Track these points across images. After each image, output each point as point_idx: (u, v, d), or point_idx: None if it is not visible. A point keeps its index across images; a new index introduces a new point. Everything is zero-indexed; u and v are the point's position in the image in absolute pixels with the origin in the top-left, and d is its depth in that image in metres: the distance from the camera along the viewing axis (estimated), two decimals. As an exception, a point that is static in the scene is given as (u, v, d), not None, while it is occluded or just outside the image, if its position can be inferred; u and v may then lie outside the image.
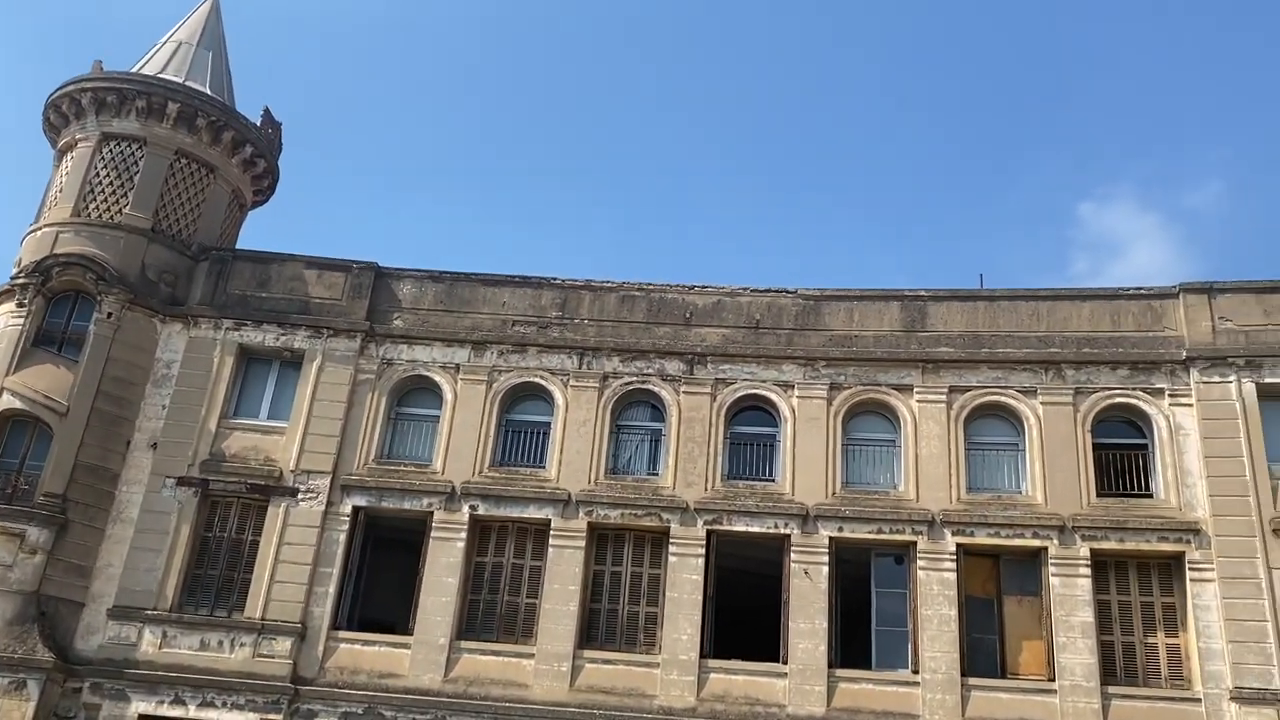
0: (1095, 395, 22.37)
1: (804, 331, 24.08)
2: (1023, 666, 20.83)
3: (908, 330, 23.75)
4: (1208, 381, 21.88)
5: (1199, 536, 20.79)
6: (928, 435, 22.64)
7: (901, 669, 21.05)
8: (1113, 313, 23.09)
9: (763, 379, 23.68)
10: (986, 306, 23.75)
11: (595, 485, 23.00)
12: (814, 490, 22.44)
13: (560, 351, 24.29)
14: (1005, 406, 22.74)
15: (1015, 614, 21.31)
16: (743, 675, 21.24)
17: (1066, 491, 21.66)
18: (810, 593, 21.58)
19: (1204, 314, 22.53)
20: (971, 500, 22.01)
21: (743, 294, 24.74)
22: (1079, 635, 20.49)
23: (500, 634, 22.32)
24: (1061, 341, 22.94)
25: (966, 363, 23.09)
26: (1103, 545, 21.12)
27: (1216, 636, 20.07)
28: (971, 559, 21.68)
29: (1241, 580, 20.27)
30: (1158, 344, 22.56)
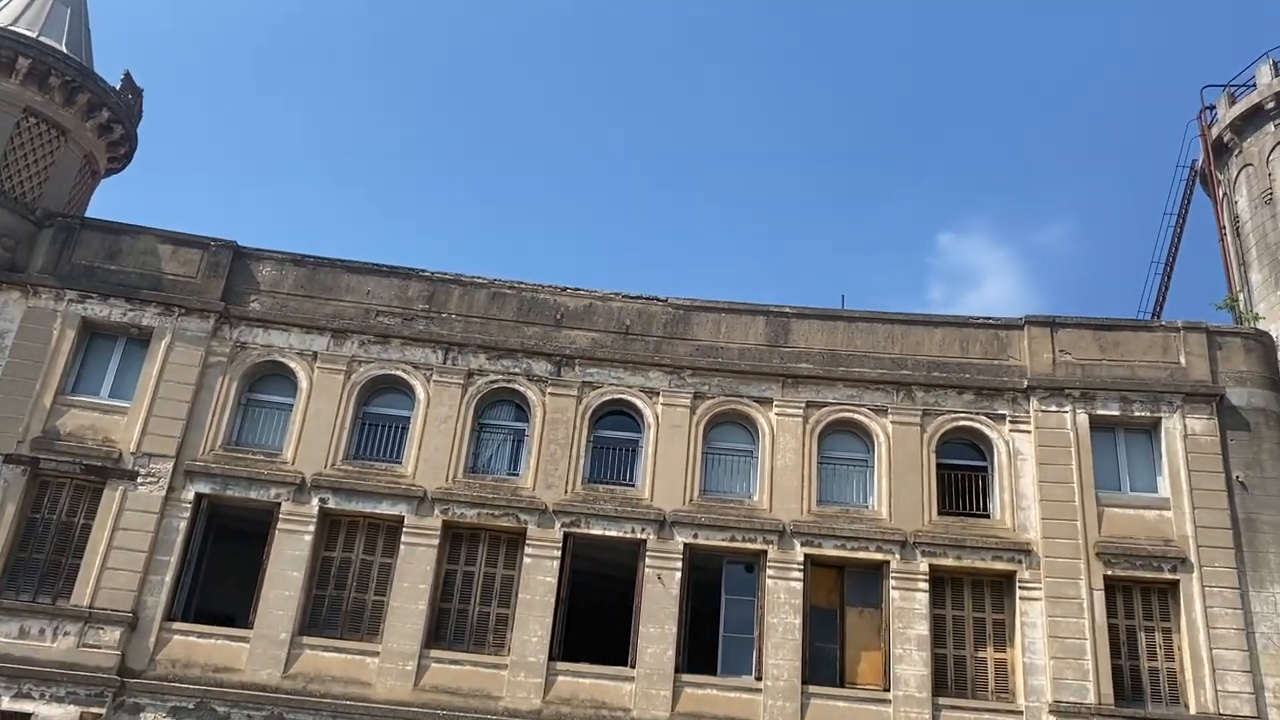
0: (942, 417, 23.33)
1: (672, 340, 24.33)
2: (860, 676, 21.52)
3: (771, 345, 24.28)
4: (1045, 410, 23.09)
5: (1030, 557, 21.90)
6: (784, 448, 23.19)
7: (746, 675, 21.47)
8: (962, 340, 24.14)
9: (629, 384, 23.82)
10: (846, 326, 24.48)
11: (453, 483, 22.70)
12: (672, 497, 22.69)
13: (425, 345, 23.89)
14: (858, 424, 23.48)
15: (856, 625, 22.01)
16: (590, 678, 21.29)
17: (910, 508, 22.51)
18: (662, 598, 21.80)
19: (1046, 346, 23.77)
20: (821, 512, 22.64)
21: (614, 299, 24.85)
22: (914, 647, 21.29)
23: (345, 631, 21.77)
24: (913, 364, 23.84)
25: (824, 379, 23.74)
26: (941, 561, 22.01)
27: (1040, 652, 21.16)
28: (818, 569, 22.29)
29: (1065, 600, 21.43)
30: (1002, 372, 23.69)
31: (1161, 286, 33.88)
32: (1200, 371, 23.23)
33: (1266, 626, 21.01)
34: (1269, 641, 20.89)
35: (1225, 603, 21.17)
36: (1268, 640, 20.90)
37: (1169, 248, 33.93)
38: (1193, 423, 22.68)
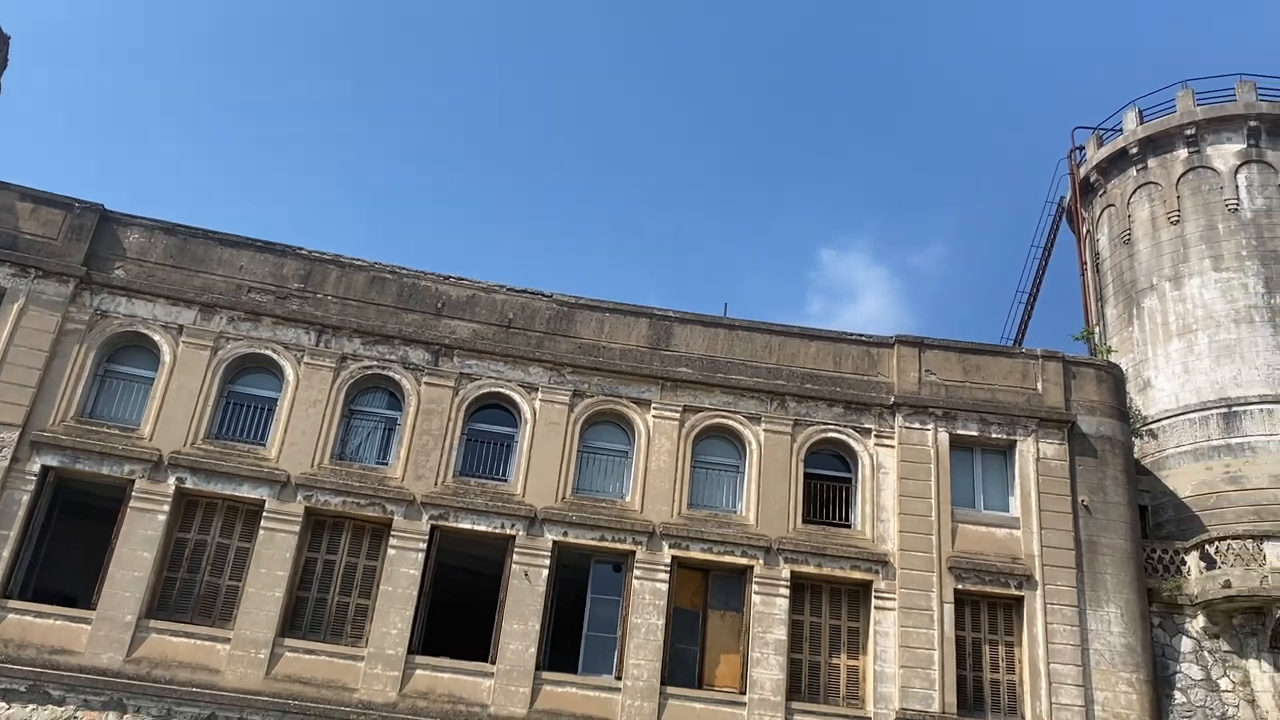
0: (812, 428, 23.90)
1: (554, 336, 24.25)
2: (718, 679, 21.85)
3: (653, 347, 24.44)
4: (909, 427, 23.89)
5: (886, 568, 22.61)
6: (659, 450, 23.38)
7: (606, 675, 21.54)
8: (835, 354, 24.77)
9: (509, 379, 23.64)
10: (727, 334, 24.84)
11: (318, 469, 22.13)
12: (545, 494, 22.61)
13: (298, 325, 23.23)
14: (732, 430, 23.84)
15: (718, 628, 22.34)
16: (449, 673, 21.04)
17: (776, 515, 22.97)
18: (528, 595, 21.70)
19: (913, 365, 24.60)
20: (691, 515, 22.91)
21: (498, 291, 24.63)
22: (772, 652, 21.74)
23: (196, 615, 20.99)
24: (788, 375, 24.35)
25: (703, 385, 24.03)
26: (803, 568, 22.53)
27: (891, 660, 21.87)
28: (684, 572, 22.55)
29: (918, 611, 22.21)
30: (871, 388, 24.41)
31: (1024, 315, 35.52)
32: (1055, 399, 24.39)
33: (1100, 644, 22.19)
34: (1101, 658, 22.07)
35: (1064, 620, 22.27)
36: (1100, 657, 22.07)
37: (1034, 279, 35.61)
38: (1045, 447, 23.80)
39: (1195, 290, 29.93)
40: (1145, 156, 32.28)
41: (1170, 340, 29.94)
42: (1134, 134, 32.71)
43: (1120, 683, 21.89)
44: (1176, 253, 30.66)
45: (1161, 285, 30.69)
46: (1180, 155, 31.55)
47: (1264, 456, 27.11)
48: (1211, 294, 29.64)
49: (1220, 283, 29.63)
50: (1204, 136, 31.31)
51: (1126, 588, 22.81)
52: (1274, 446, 27.16)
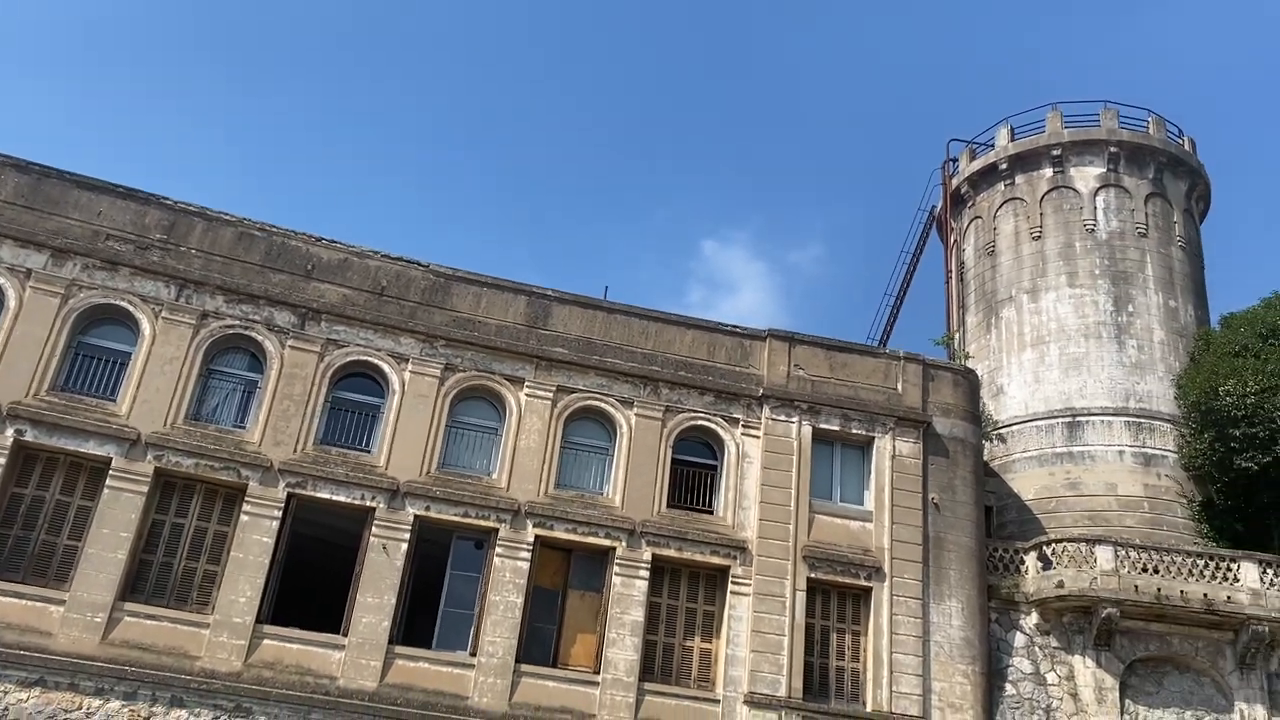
0: (682, 415, 24.19)
1: (429, 308, 23.84)
2: (574, 658, 21.97)
3: (530, 325, 24.30)
4: (775, 419, 24.42)
5: (744, 554, 23.10)
6: (529, 429, 23.29)
7: (461, 651, 21.39)
8: (710, 344, 25.12)
9: (378, 347, 23.15)
10: (605, 317, 24.88)
11: (171, 429, 21.26)
12: (409, 467, 22.26)
13: (158, 278, 22.21)
14: (604, 413, 23.93)
15: (576, 608, 22.45)
16: (298, 644, 20.54)
17: (642, 498, 23.19)
18: (385, 568, 21.35)
19: (783, 359, 25.15)
20: (557, 495, 22.91)
21: (372, 257, 24.06)
22: (628, 633, 21.97)
23: (28, 575, 19.92)
24: (663, 361, 24.56)
25: (578, 366, 24.02)
26: (664, 552, 22.81)
27: (743, 645, 22.37)
28: (547, 551, 22.55)
29: (771, 597, 22.78)
30: (741, 379, 24.84)
31: (890, 317, 36.75)
32: (913, 399, 25.30)
33: (940, 636, 23.19)
34: (941, 649, 23.07)
35: (909, 612, 23.18)
36: (939, 648, 23.08)
37: (901, 283, 36.86)
38: (901, 445, 24.69)
39: (1050, 304, 31.47)
40: (1014, 173, 33.72)
41: (1024, 350, 31.42)
42: (1005, 150, 34.13)
43: (957, 674, 22.93)
44: (1036, 267, 32.16)
45: (1020, 297, 32.15)
46: (1046, 174, 33.07)
47: (1101, 465, 28.77)
48: (1065, 308, 31.21)
49: (1074, 298, 31.23)
50: (1069, 158, 32.90)
51: (968, 583, 23.89)
52: (1111, 456, 28.84)
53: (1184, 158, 33.39)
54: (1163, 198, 32.50)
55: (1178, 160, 33.16)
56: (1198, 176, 33.69)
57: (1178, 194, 32.94)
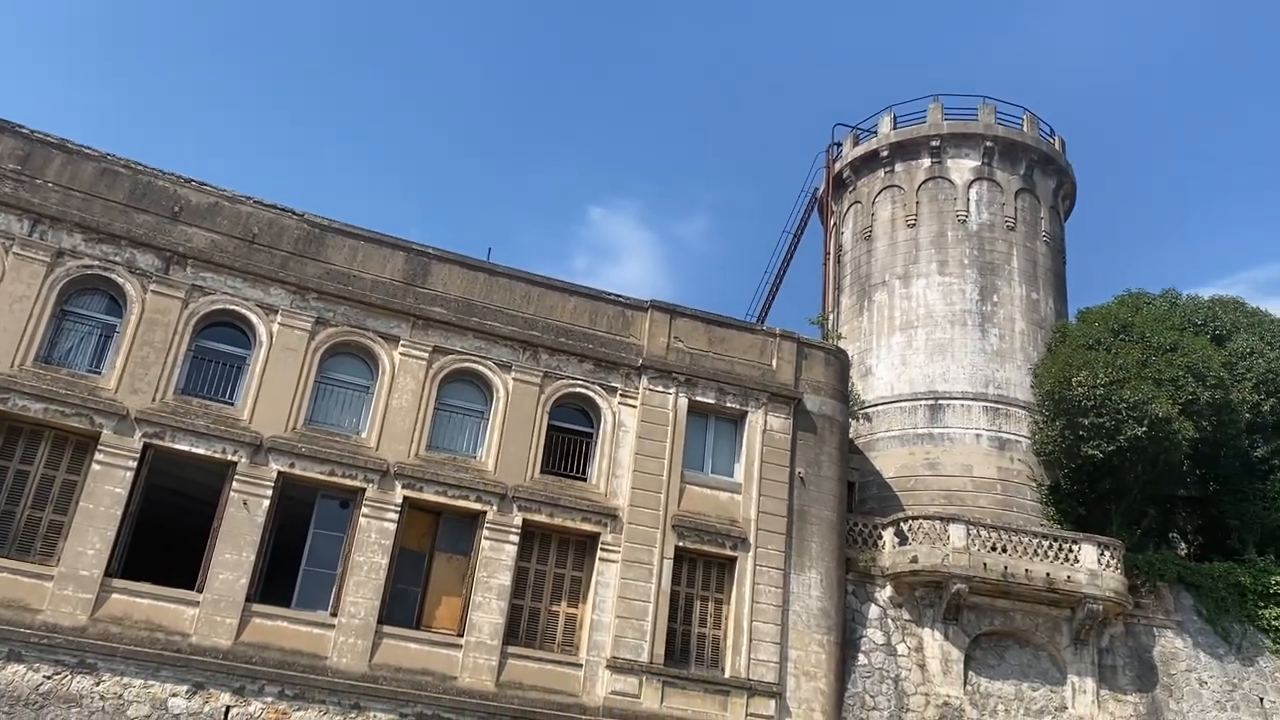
0: (561, 381, 24.15)
1: (302, 258, 23.12)
2: (438, 620, 21.82)
3: (407, 283, 23.80)
4: (652, 390, 24.63)
5: (615, 522, 23.29)
6: (402, 388, 22.88)
7: (322, 611, 21.00)
8: (592, 312, 25.10)
9: (246, 297, 22.35)
10: (486, 279, 24.57)
11: (18, 371, 20.11)
12: (273, 422, 21.63)
13: (9, 211, 20.90)
14: (481, 376, 23.69)
15: (443, 570, 22.27)
16: (149, 599, 19.81)
17: (516, 464, 23.10)
18: (245, 524, 20.74)
19: (664, 331, 25.34)
20: (429, 457, 22.62)
21: (244, 202, 23.16)
22: (495, 597, 21.93)
23: None
24: (544, 327, 24.44)
25: (456, 327, 23.69)
26: (535, 517, 22.80)
27: (608, 610, 22.60)
28: (415, 513, 22.27)
29: (639, 564, 23.05)
30: (622, 348, 24.93)
31: (769, 295, 37.42)
32: (786, 376, 25.86)
33: (799, 606, 23.90)
34: (798, 619, 23.79)
35: (771, 581, 23.80)
36: (798, 618, 23.79)
37: (782, 262, 37.51)
38: (772, 420, 25.22)
39: (921, 290, 32.53)
40: (894, 161, 34.61)
41: (894, 333, 32.42)
42: (886, 138, 34.98)
43: (813, 643, 23.69)
44: (909, 254, 33.16)
45: (892, 282, 33.13)
46: (924, 164, 34.06)
47: (959, 446, 30.01)
48: (934, 295, 32.31)
49: (943, 286, 32.35)
50: (946, 150, 33.94)
51: (828, 556, 24.66)
52: (969, 439, 30.10)
53: (1054, 156, 34.84)
54: (1032, 194, 33.89)
55: (1048, 158, 34.58)
56: (1065, 175, 35.22)
57: (1046, 191, 34.40)
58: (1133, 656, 25.70)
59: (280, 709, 19.77)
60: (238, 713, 19.50)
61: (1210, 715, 25.25)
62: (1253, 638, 26.57)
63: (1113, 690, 25.07)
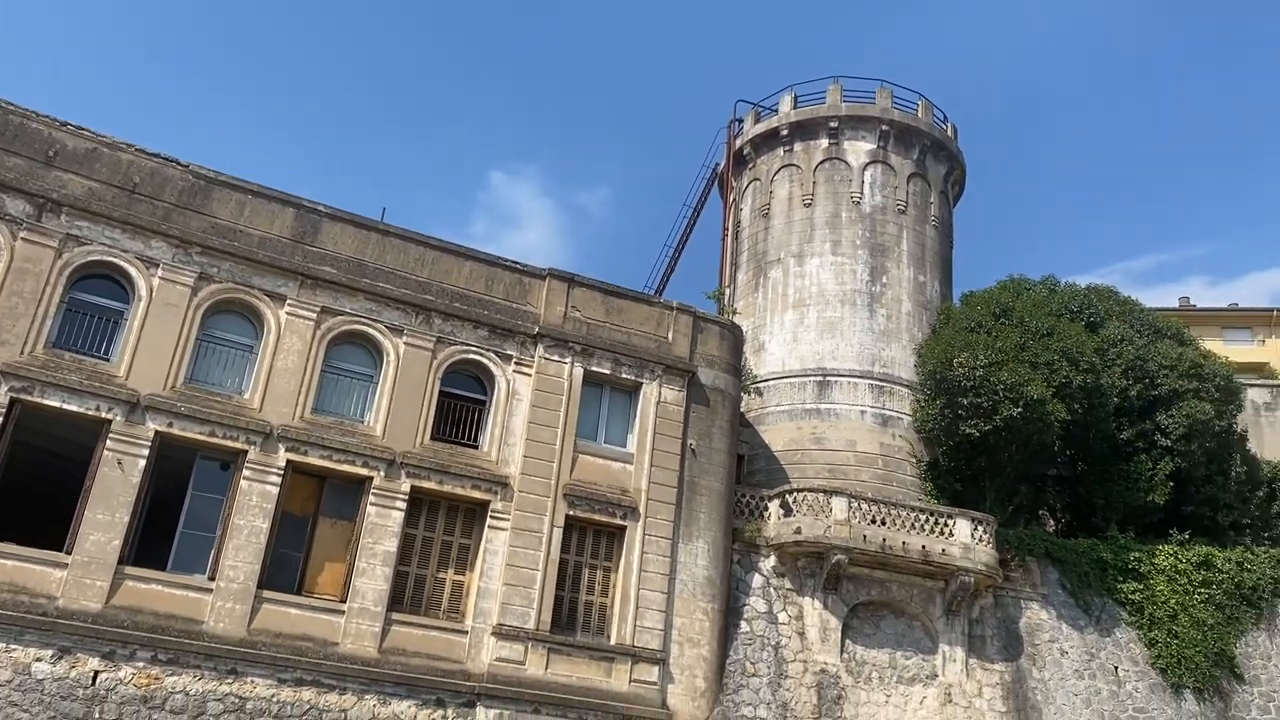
0: (454, 347, 23.87)
1: (186, 211, 22.26)
2: (320, 586, 21.46)
3: (296, 240, 23.15)
4: (548, 358, 24.55)
5: (506, 490, 23.21)
6: (288, 349, 22.31)
7: (199, 575, 20.45)
8: (488, 277, 24.84)
9: (125, 249, 21.44)
10: (380, 239, 24.06)
11: None
12: (152, 379, 20.86)
13: None
14: (371, 339, 23.25)
15: (326, 535, 21.88)
16: (13, 560, 18.98)
17: (405, 429, 22.79)
18: (119, 484, 20.00)
19: (561, 300, 25.24)
20: (314, 420, 22.14)
21: (125, 150, 22.15)
22: (379, 563, 21.66)
23: None
24: (438, 291, 24.08)
25: (346, 288, 23.16)
26: (424, 484, 22.56)
27: (496, 578, 22.56)
28: (299, 477, 21.81)
29: (529, 532, 23.05)
30: (518, 315, 24.75)
31: (668, 268, 37.63)
32: (681, 349, 26.09)
33: (686, 575, 24.27)
34: (685, 587, 24.16)
35: (659, 551, 24.09)
36: (684, 586, 24.16)
37: (681, 235, 37.75)
38: (666, 392, 25.44)
39: (814, 269, 33.13)
40: (793, 140, 35.06)
41: (787, 310, 32.98)
42: (787, 117, 35.39)
43: (698, 611, 24.11)
44: (804, 233, 33.72)
45: (787, 260, 33.66)
46: (822, 144, 34.59)
47: (844, 422, 30.78)
48: (827, 274, 32.95)
49: (835, 265, 33.01)
50: (844, 131, 34.53)
51: (716, 526, 25.07)
52: (854, 415, 30.89)
53: (946, 142, 35.77)
54: (923, 178, 34.77)
55: (940, 144, 35.48)
56: (955, 162, 36.22)
57: (937, 176, 35.33)
58: (1000, 627, 26.88)
59: (152, 674, 19.22)
60: (106, 678, 18.88)
61: (1069, 683, 26.61)
62: (1111, 610, 28.05)
63: (981, 659, 26.19)
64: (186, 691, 19.40)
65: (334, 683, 20.52)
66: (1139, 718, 26.53)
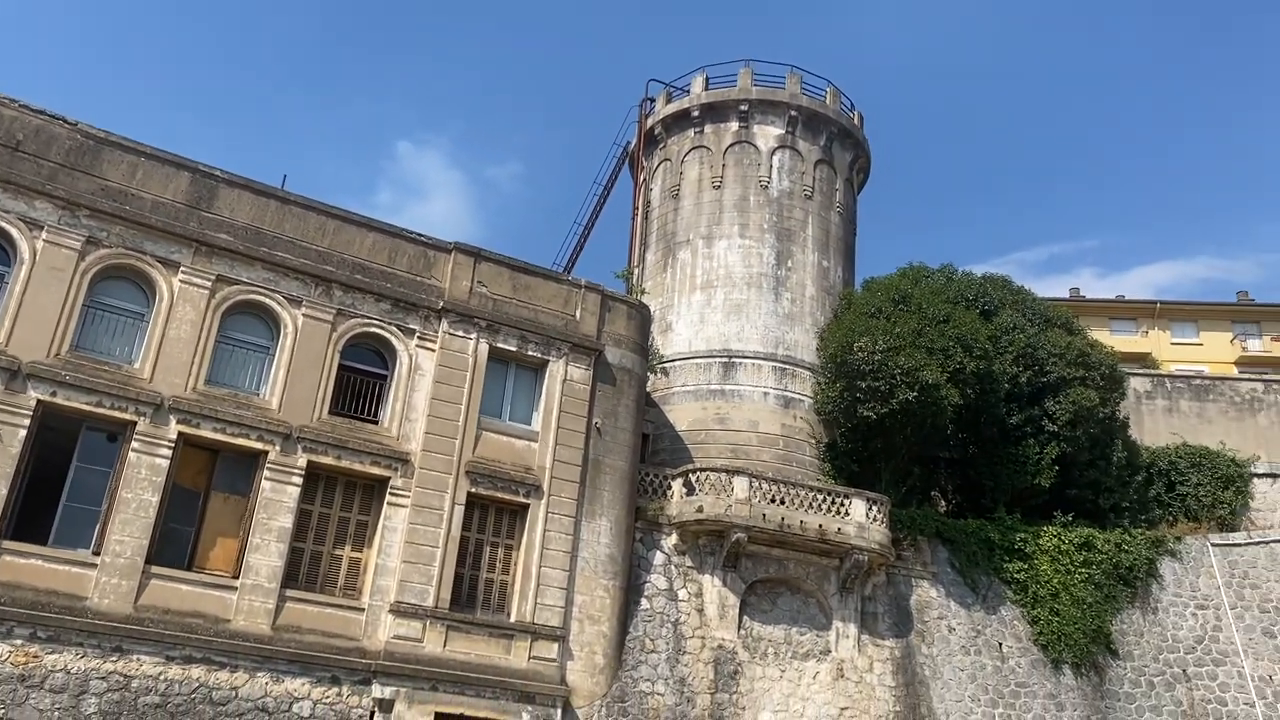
0: (355, 320, 23.42)
1: (73, 171, 21.32)
2: (212, 561, 20.92)
3: (192, 206, 22.39)
4: (453, 334, 24.27)
5: (406, 466, 22.92)
6: (181, 318, 21.60)
7: (83, 549, 19.74)
8: (392, 249, 24.40)
9: (7, 209, 20.48)
10: (279, 207, 23.42)
11: None
12: (34, 347, 19.99)
13: None
14: (268, 309, 22.66)
15: (219, 510, 21.33)
16: (-123, 535, 18.05)
17: (302, 403, 22.31)
18: (-3, 456, 19.15)
19: (467, 274, 24.96)
20: (208, 392, 21.52)
21: (9, 105, 21.10)
22: (274, 539, 21.21)
23: None
24: (339, 262, 23.57)
25: (243, 256, 22.51)
26: (321, 459, 22.14)
27: (395, 555, 22.30)
28: (190, 450, 21.19)
29: (429, 510, 22.82)
30: (422, 289, 24.40)
31: (577, 246, 37.51)
32: (589, 327, 26.07)
33: (588, 553, 24.36)
34: (587, 565, 24.25)
35: (561, 529, 24.11)
36: (586, 564, 24.25)
37: (591, 213, 37.66)
38: (573, 370, 25.41)
39: (722, 251, 33.42)
40: (704, 122, 35.23)
41: (694, 292, 33.23)
42: (698, 99, 35.53)
43: (599, 588, 24.23)
44: (713, 215, 33.96)
45: (696, 242, 33.87)
46: (732, 128, 34.84)
47: (748, 404, 31.21)
48: (734, 257, 33.27)
49: (743, 248, 33.35)
50: (754, 115, 34.83)
51: (619, 505, 25.20)
52: (757, 396, 31.34)
53: (852, 130, 36.35)
54: (829, 165, 35.30)
55: (846, 132, 36.05)
56: (861, 150, 36.86)
57: (843, 163, 35.91)
58: (892, 604, 27.68)
59: (31, 652, 18.51)
60: (-20, 657, 18.11)
61: (956, 659, 27.57)
62: (997, 589, 29.12)
63: (872, 635, 26.94)
64: (68, 670, 18.74)
65: (224, 660, 20.06)
66: (1020, 692, 27.63)
